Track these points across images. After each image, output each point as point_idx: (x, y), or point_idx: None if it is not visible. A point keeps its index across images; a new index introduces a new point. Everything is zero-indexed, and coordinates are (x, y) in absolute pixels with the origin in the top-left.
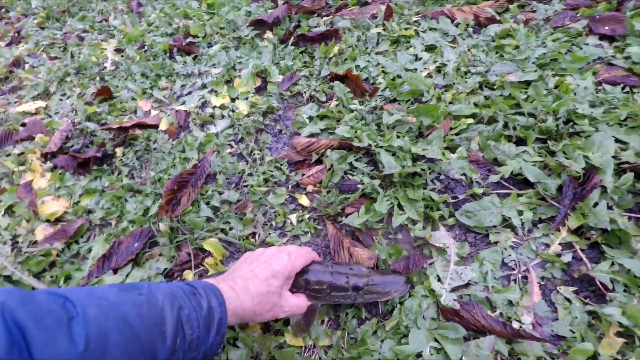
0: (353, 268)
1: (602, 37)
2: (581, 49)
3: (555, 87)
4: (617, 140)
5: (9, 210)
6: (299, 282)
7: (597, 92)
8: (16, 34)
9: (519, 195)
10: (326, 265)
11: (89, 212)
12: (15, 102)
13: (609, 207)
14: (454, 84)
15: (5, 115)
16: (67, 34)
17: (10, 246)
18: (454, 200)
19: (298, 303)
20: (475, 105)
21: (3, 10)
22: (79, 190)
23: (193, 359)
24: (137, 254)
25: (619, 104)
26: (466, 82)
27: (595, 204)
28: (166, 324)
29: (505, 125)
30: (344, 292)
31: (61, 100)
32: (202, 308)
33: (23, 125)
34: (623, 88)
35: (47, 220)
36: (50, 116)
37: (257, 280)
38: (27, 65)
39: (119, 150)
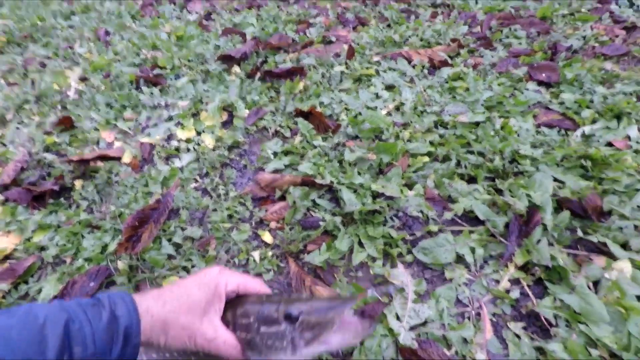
0: (292, 296)
1: (540, 83)
2: (522, 93)
3: (502, 128)
4: (555, 180)
5: None
6: (227, 316)
7: (537, 134)
8: None
9: (471, 232)
10: (264, 296)
11: (42, 249)
12: None
13: (550, 244)
14: (411, 122)
15: None
16: (28, 59)
17: None
18: (411, 238)
19: (226, 337)
20: (431, 143)
21: None
22: (32, 226)
23: None
24: (92, 295)
25: (555, 146)
26: (422, 121)
27: (538, 241)
28: (47, 343)
29: (458, 164)
30: (276, 327)
31: (18, 128)
32: (101, 319)
33: None
34: (559, 131)
35: None
36: (5, 145)
37: (176, 287)
38: None
39: (78, 183)
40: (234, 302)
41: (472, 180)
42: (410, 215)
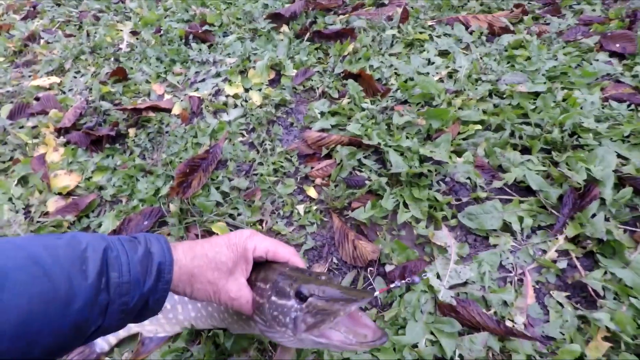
0: (312, 274)
1: (612, 54)
2: (591, 64)
3: (563, 100)
4: (618, 156)
5: (22, 181)
6: (251, 277)
7: (603, 108)
8: (32, 9)
9: (520, 201)
10: (288, 268)
11: (101, 188)
12: (30, 76)
13: (606, 219)
14: (464, 90)
15: (19, 88)
16: (82, 12)
17: (23, 215)
18: (457, 203)
19: (249, 298)
20: (484, 112)
21: None
22: (91, 167)
23: (124, 303)
24: (146, 232)
25: (623, 121)
26: (476, 89)
27: (594, 215)
28: (88, 263)
29: (512, 134)
30: (284, 300)
31: (75, 77)
32: (137, 252)
33: (37, 99)
34: (629, 105)
35: (59, 194)
36: (64, 92)
37: (207, 244)
38: (42, 41)
39: (131, 131)
40: (261, 266)
41: (526, 151)
42: (457, 181)
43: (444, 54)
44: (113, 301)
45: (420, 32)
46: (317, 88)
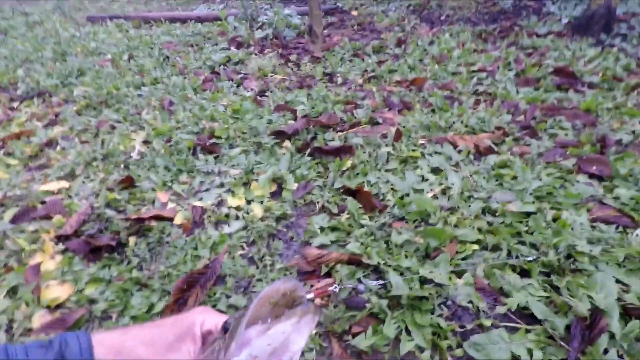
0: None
1: (591, 175)
2: (573, 185)
3: (554, 221)
4: (617, 281)
5: (11, 291)
6: None
7: (593, 229)
8: (54, 117)
9: (527, 331)
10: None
11: (92, 301)
12: (40, 180)
13: (619, 355)
14: (458, 207)
15: (27, 192)
16: (101, 122)
17: (5, 331)
18: (461, 330)
19: None
20: (480, 230)
21: (47, 95)
22: (86, 278)
23: None
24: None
25: (615, 244)
26: (469, 206)
27: (606, 351)
28: None
29: (509, 254)
30: (211, 347)
31: (84, 182)
32: None
33: (43, 203)
34: (617, 227)
35: (48, 307)
36: (71, 197)
37: (149, 322)
38: (58, 147)
39: (132, 240)
40: None
41: (525, 273)
42: (460, 305)
43: (436, 170)
44: None
45: (413, 150)
46: (317, 202)
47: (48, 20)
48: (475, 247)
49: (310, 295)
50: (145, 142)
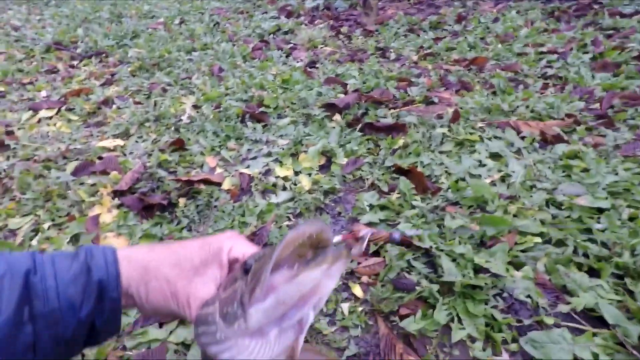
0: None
1: None
2: None
3: (630, 220)
4: None
5: (74, 239)
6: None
7: None
8: (110, 77)
9: (593, 334)
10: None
11: None
12: (98, 137)
13: None
14: (519, 197)
15: (87, 147)
16: (153, 84)
17: None
18: (518, 324)
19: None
20: (542, 223)
21: (104, 55)
22: (139, 233)
23: (57, 334)
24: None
25: None
26: (532, 196)
27: None
28: (2, 294)
29: (575, 251)
30: (232, 287)
31: (137, 142)
32: (70, 270)
33: (100, 158)
34: None
35: None
36: (125, 155)
37: (177, 241)
38: (114, 106)
39: (182, 201)
40: None
41: (593, 272)
42: (517, 299)
43: (495, 156)
44: (41, 334)
45: (471, 133)
46: (367, 179)
47: None
48: (537, 239)
49: (337, 238)
50: (195, 106)
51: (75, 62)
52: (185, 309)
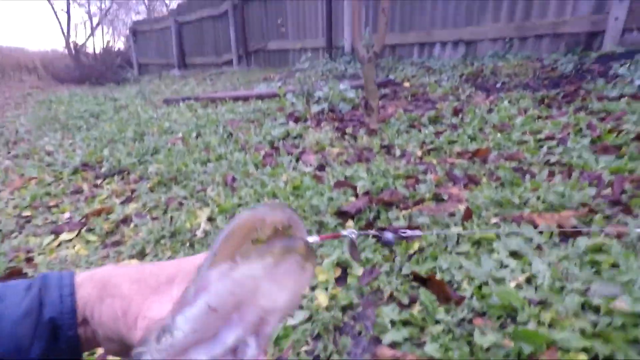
0: None
1: None
2: None
3: None
4: None
5: None
6: None
7: None
8: (130, 194)
9: None
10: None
11: None
12: (114, 257)
13: None
14: (550, 302)
15: None
16: (170, 198)
17: None
18: None
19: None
20: (583, 333)
21: (126, 172)
22: None
23: None
24: None
25: None
26: (564, 301)
27: None
28: None
29: None
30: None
31: (152, 261)
32: (20, 307)
33: None
34: None
35: None
36: None
37: (151, 262)
38: (132, 224)
39: None
40: None
41: None
42: None
43: (515, 255)
44: None
45: (486, 229)
46: (385, 290)
47: (132, 104)
48: (582, 357)
49: (313, 239)
50: (210, 219)
51: (99, 181)
52: (130, 329)
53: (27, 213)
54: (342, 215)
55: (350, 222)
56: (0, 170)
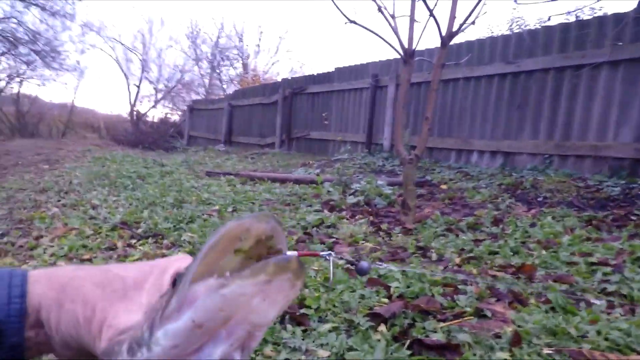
0: None
1: None
2: None
3: None
4: None
5: None
6: None
7: None
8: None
9: None
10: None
11: None
12: None
13: None
14: None
15: None
16: None
17: None
18: None
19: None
20: None
21: (160, 236)
22: None
23: None
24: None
25: None
26: None
27: None
28: None
29: None
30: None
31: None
32: None
33: None
34: None
35: None
36: None
37: (117, 264)
38: None
39: None
40: None
41: None
42: None
43: None
44: None
45: None
46: None
47: (177, 171)
48: None
49: (292, 254)
50: None
51: (133, 241)
52: (95, 339)
53: (61, 262)
54: (375, 317)
55: (383, 327)
56: (48, 217)
